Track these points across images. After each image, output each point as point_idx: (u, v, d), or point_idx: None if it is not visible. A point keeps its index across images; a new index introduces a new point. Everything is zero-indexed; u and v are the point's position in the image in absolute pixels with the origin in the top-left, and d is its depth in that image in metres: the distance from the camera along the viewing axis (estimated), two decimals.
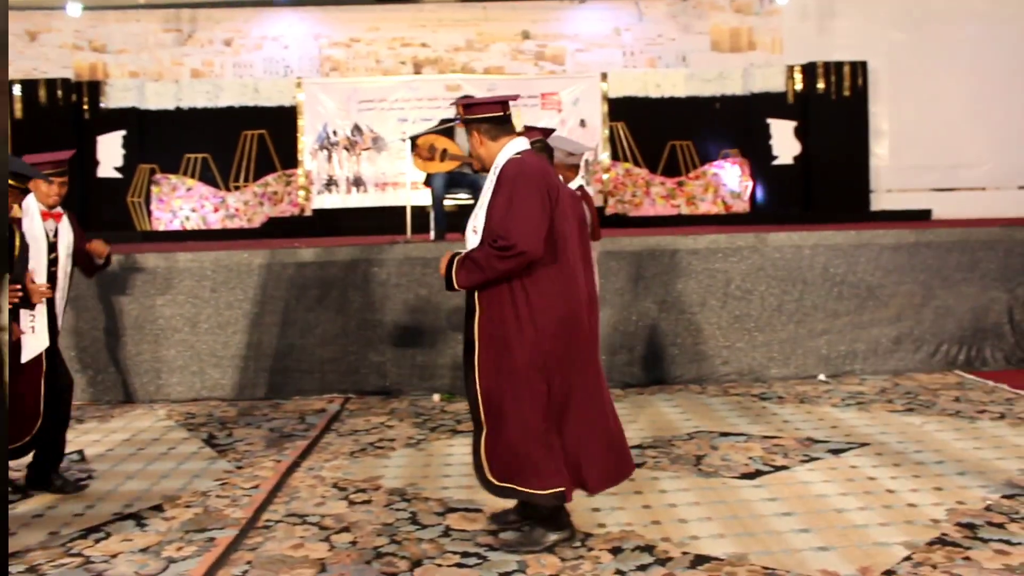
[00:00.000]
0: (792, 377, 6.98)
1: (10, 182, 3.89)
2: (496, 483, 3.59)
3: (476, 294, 3.55)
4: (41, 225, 4.55)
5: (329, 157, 11.79)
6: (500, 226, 3.39)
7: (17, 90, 11.52)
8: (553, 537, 3.64)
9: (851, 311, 7.08)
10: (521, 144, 3.59)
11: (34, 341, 4.36)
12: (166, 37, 12.26)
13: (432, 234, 7.70)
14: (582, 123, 11.82)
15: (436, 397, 6.71)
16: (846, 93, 11.87)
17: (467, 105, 3.67)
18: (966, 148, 12.02)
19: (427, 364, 6.86)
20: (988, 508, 3.99)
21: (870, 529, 3.78)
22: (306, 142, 11.77)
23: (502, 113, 3.59)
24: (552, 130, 5.21)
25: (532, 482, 3.52)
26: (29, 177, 4.14)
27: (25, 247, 4.24)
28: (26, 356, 4.32)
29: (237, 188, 11.83)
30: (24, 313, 4.28)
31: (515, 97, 3.69)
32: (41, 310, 4.34)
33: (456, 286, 3.54)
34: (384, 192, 11.63)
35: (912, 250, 7.14)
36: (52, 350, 4.53)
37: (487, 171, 3.62)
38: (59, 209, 4.66)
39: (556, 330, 3.50)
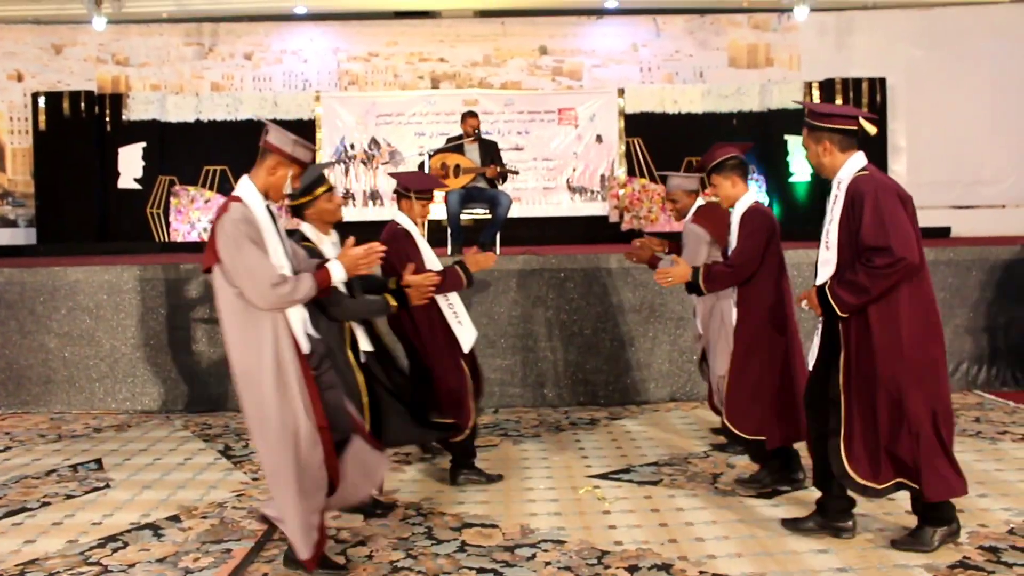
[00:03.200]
0: None
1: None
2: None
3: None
4: None
5: (346, 171, 11.85)
6: (877, 240, 3.47)
7: (42, 102, 11.66)
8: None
9: None
10: (863, 159, 3.66)
11: (466, 331, 4.76)
12: (187, 51, 12.37)
13: (449, 248, 7.72)
14: (599, 138, 11.84)
15: None
16: (864, 110, 11.85)
17: (822, 113, 3.72)
18: (985, 165, 11.95)
19: None
20: (1011, 531, 3.95)
21: (890, 551, 3.74)
22: (324, 155, 11.83)
23: (855, 128, 3.65)
24: (751, 144, 5.17)
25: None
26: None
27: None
28: (467, 346, 4.73)
29: None
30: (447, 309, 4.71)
31: (872, 117, 3.74)
32: (459, 304, 4.78)
33: (842, 312, 3.60)
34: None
35: (931, 268, 7.05)
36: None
37: (823, 176, 3.75)
38: None
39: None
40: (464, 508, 4.43)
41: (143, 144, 11.84)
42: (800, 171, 11.94)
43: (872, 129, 3.66)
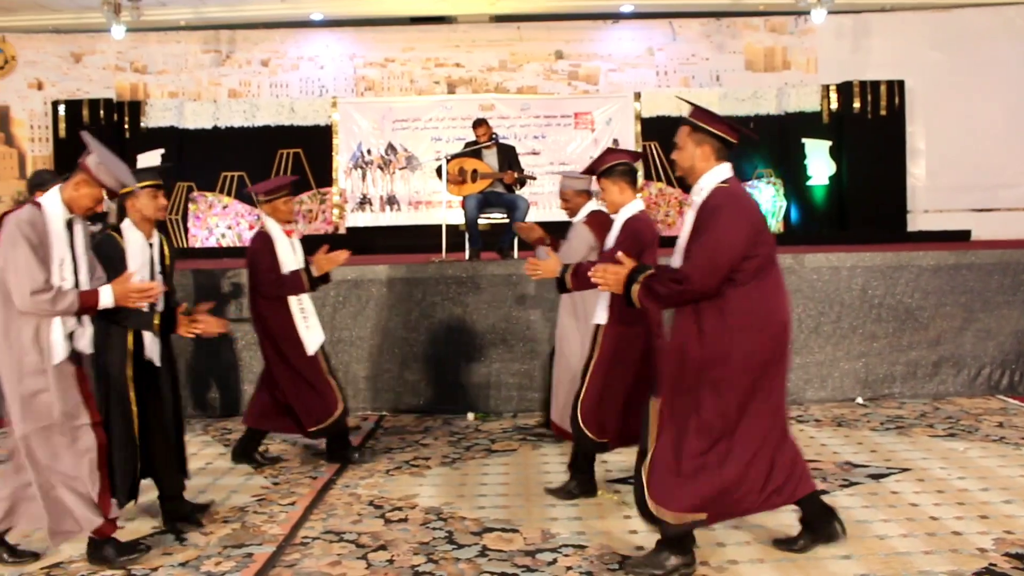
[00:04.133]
0: (829, 400, 6.90)
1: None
2: None
3: None
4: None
5: (363, 176, 11.89)
6: (688, 256, 3.40)
7: (62, 110, 11.77)
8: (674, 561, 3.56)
9: (889, 333, 6.99)
10: (729, 171, 3.50)
11: (313, 335, 5.20)
12: (205, 58, 12.46)
13: (467, 253, 7.73)
14: (615, 142, 11.81)
15: (470, 416, 6.72)
16: (882, 112, 11.80)
17: (712, 118, 3.55)
18: (1006, 168, 11.86)
19: (462, 383, 6.87)
20: None
21: (914, 557, 3.71)
22: (341, 161, 11.89)
23: (735, 140, 3.52)
24: (641, 153, 5.23)
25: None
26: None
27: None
28: (311, 349, 5.16)
29: None
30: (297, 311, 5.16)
31: (753, 135, 3.76)
32: (310, 308, 5.23)
33: (638, 302, 3.51)
34: (417, 211, 11.71)
35: (952, 272, 7.04)
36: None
37: (687, 180, 3.58)
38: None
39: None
40: (484, 512, 4.43)
41: (161, 151, 11.93)
42: (818, 175, 11.89)
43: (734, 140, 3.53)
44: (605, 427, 4.49)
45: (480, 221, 7.87)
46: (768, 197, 11.79)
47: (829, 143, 11.90)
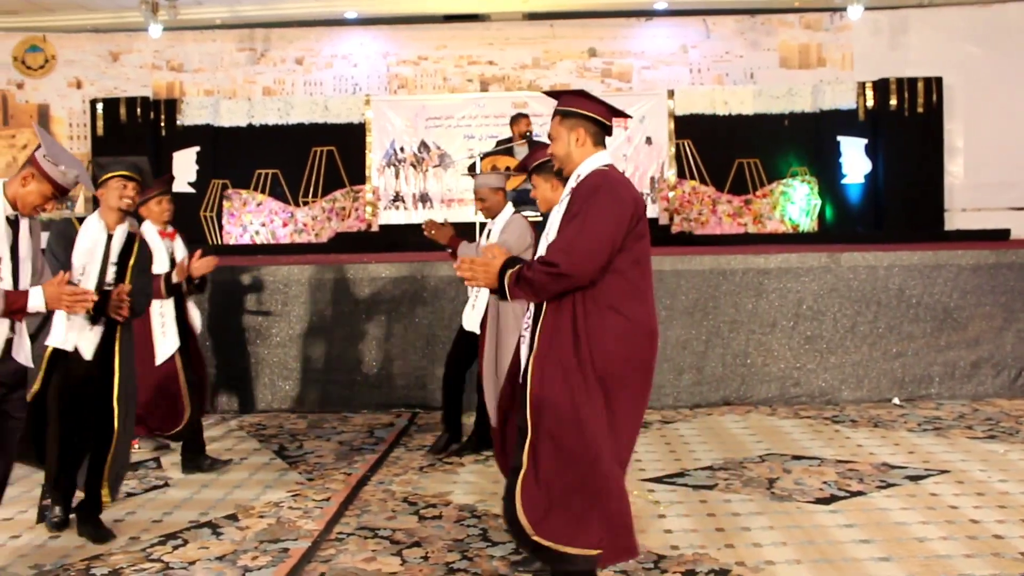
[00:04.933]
0: (865, 400, 6.83)
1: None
2: None
3: None
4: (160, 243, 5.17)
5: (396, 173, 11.93)
6: (560, 240, 3.04)
7: (100, 108, 11.92)
8: None
9: (927, 333, 6.90)
10: (608, 158, 3.20)
11: (166, 343, 5.16)
12: (240, 56, 12.56)
13: None
14: (648, 140, 11.77)
15: None
16: (919, 110, 11.63)
17: (582, 100, 3.23)
18: None
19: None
20: None
21: (955, 560, 3.66)
22: (374, 158, 11.93)
23: (610, 124, 3.22)
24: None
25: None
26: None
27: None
28: (160, 358, 5.12)
29: (306, 203, 12.04)
30: (156, 317, 5.10)
31: (627, 116, 3.35)
32: (170, 316, 5.16)
33: (510, 294, 3.09)
34: (450, 208, 11.72)
35: (992, 271, 6.94)
36: (186, 349, 5.28)
37: (565, 172, 3.24)
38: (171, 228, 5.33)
39: None
40: None
41: (197, 148, 12.04)
42: (853, 173, 11.75)
43: (616, 127, 3.27)
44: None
45: None
46: (802, 195, 11.67)
47: (865, 141, 11.75)
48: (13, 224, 3.36)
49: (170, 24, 11.50)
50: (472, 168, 7.94)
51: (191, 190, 11.96)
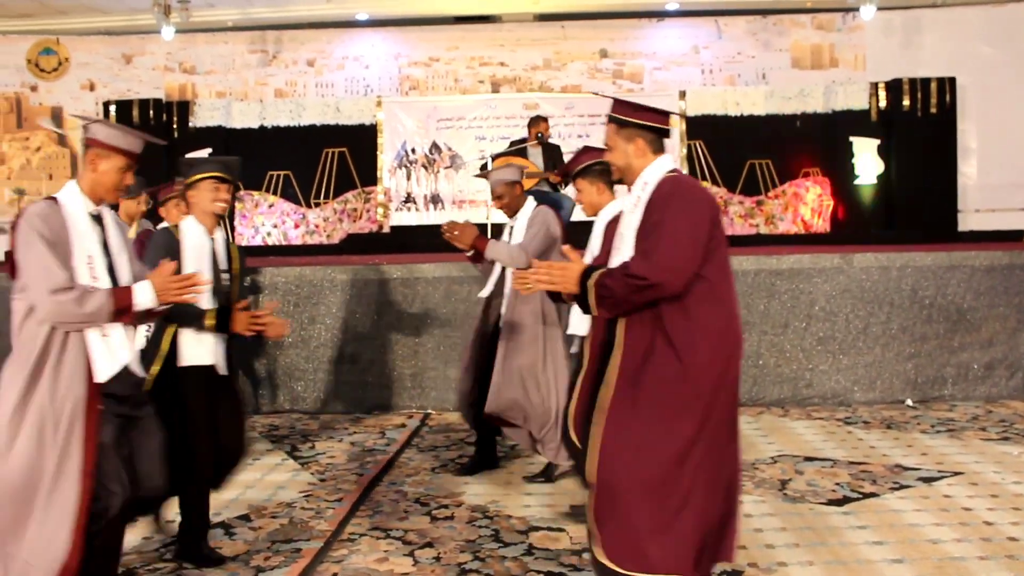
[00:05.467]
0: (878, 401, 6.80)
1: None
2: None
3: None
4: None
5: (408, 175, 11.95)
6: (644, 249, 2.89)
7: (112, 111, 11.98)
8: None
9: (940, 335, 6.87)
10: (672, 162, 3.10)
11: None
12: (252, 58, 12.61)
13: None
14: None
15: None
16: (933, 110, 11.58)
17: (635, 109, 3.12)
18: None
19: None
20: None
21: (968, 562, 3.64)
22: (385, 160, 11.96)
23: (667, 128, 3.11)
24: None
25: None
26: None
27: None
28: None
29: (317, 205, 12.07)
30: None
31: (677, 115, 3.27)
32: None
33: (596, 309, 2.90)
34: (461, 209, 11.73)
35: (1006, 272, 6.90)
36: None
37: (626, 181, 3.13)
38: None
39: None
40: (531, 511, 4.43)
41: (209, 150, 12.06)
42: (866, 174, 11.71)
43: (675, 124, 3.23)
44: None
45: None
46: (815, 196, 11.63)
47: (877, 142, 11.70)
48: (97, 220, 3.02)
49: (182, 27, 11.56)
50: (484, 168, 7.94)
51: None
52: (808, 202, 11.62)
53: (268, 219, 11.96)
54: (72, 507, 2.81)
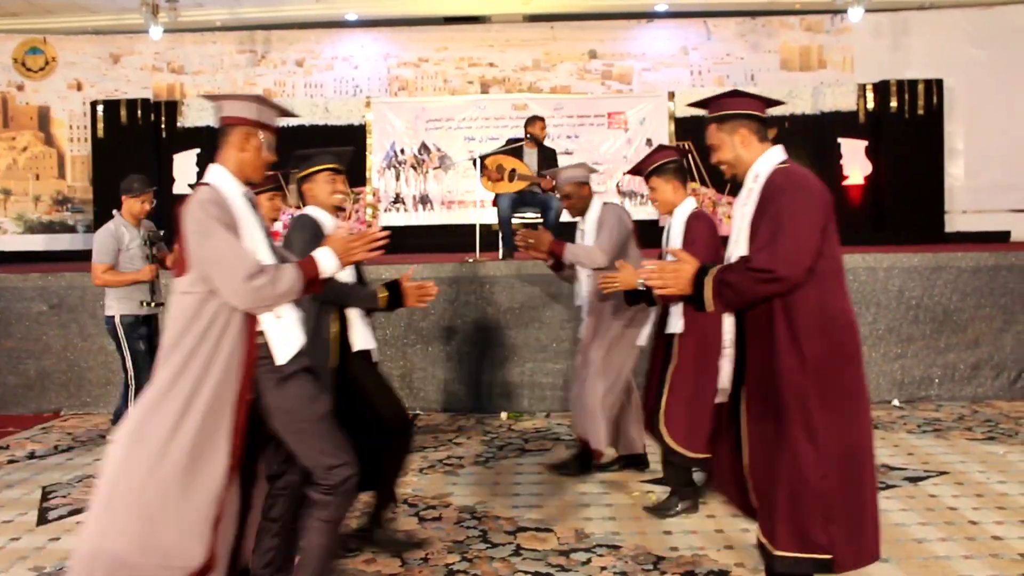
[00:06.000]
0: None
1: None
2: None
3: None
4: None
5: (397, 175, 11.94)
6: (764, 244, 2.87)
7: (100, 110, 11.93)
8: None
9: (927, 335, 6.91)
10: (783, 152, 3.02)
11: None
12: (240, 58, 12.57)
13: (500, 252, 7.74)
14: (648, 142, 11.75)
15: (504, 415, 6.73)
16: (920, 112, 11.63)
17: (734, 100, 3.10)
18: None
19: (495, 382, 6.88)
20: None
21: (953, 561, 3.67)
22: (374, 160, 11.94)
23: (765, 116, 3.08)
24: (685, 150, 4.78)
25: None
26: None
27: None
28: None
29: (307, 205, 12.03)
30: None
31: (777, 102, 3.18)
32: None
33: (713, 306, 2.90)
34: (450, 210, 11.72)
35: (992, 273, 6.94)
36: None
37: (738, 176, 3.07)
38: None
39: None
40: (518, 512, 4.43)
41: (197, 150, 12.03)
42: (853, 175, 11.75)
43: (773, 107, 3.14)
44: (696, 440, 4.11)
45: (513, 220, 7.88)
46: None
47: (865, 143, 11.74)
48: (249, 200, 2.96)
49: (170, 26, 11.51)
50: (483, 166, 7.88)
51: (192, 192, 11.95)
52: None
53: None
54: (214, 498, 2.72)
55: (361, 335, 3.84)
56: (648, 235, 5.32)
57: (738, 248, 2.93)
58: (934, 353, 6.90)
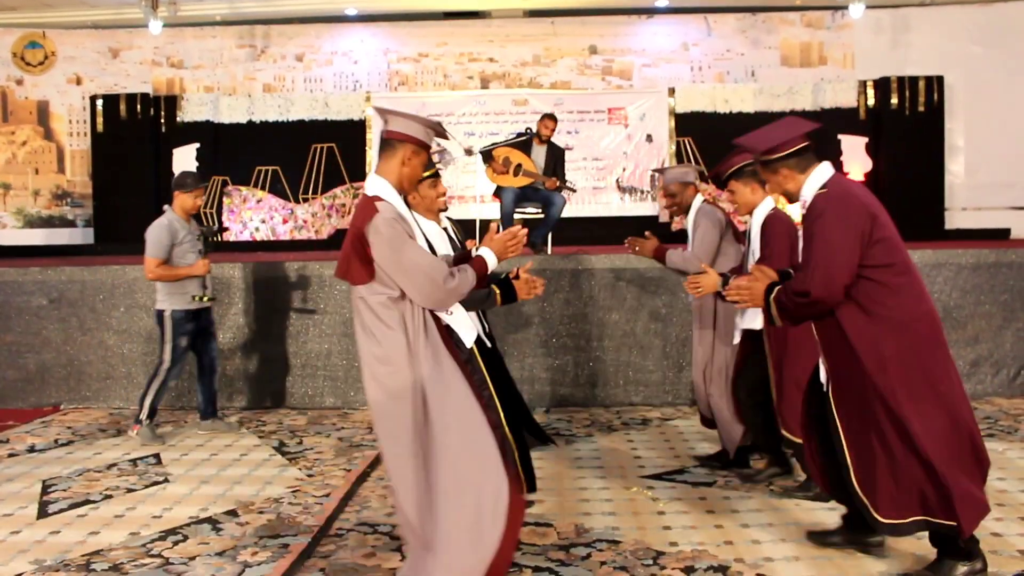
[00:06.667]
0: None
1: None
2: None
3: None
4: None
5: None
6: (804, 270, 3.32)
7: (99, 105, 11.91)
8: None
9: None
10: (827, 172, 3.42)
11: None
12: (240, 53, 12.55)
13: None
14: (649, 138, 11.77)
15: None
16: (920, 109, 11.62)
17: (769, 148, 3.47)
18: None
19: None
20: None
21: None
22: (374, 155, 11.93)
23: (807, 143, 3.46)
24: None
25: None
26: None
27: None
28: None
29: (306, 200, 12.04)
30: None
31: (815, 127, 3.56)
32: None
33: (779, 319, 3.45)
34: (450, 205, 11.71)
35: (992, 270, 6.94)
36: None
37: (794, 202, 3.51)
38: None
39: None
40: None
41: (197, 145, 12.03)
42: (854, 172, 11.75)
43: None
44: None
45: (515, 215, 7.88)
46: None
47: (865, 140, 11.74)
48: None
49: (170, 20, 11.49)
50: (488, 157, 7.85)
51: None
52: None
53: (256, 214, 11.92)
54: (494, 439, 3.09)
55: (468, 331, 3.63)
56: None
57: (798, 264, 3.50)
58: None
